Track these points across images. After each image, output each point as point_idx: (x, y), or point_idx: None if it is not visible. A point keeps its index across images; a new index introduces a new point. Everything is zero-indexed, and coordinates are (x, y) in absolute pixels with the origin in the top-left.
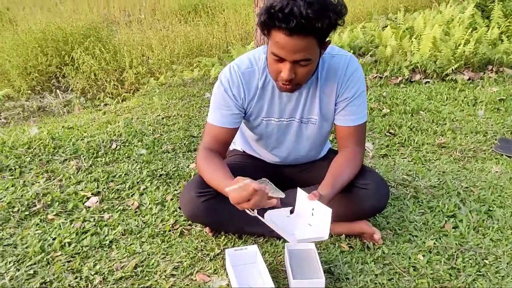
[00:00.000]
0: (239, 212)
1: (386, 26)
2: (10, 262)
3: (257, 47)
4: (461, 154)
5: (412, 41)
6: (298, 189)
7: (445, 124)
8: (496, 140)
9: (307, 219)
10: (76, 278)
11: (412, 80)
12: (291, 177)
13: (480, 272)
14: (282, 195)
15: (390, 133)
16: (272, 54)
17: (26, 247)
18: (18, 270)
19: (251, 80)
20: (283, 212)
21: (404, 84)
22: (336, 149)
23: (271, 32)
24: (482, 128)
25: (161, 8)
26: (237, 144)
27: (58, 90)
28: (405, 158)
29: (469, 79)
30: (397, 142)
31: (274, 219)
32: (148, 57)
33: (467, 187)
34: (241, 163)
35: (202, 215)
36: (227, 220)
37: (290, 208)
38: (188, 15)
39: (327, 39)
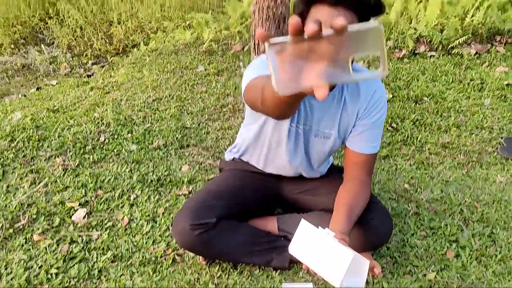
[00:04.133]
0: (236, 244)
1: None
2: None
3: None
4: (465, 157)
5: (418, 2)
6: (321, 229)
7: (450, 116)
8: (502, 138)
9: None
10: None
11: (416, 52)
12: (291, 197)
13: None
14: None
15: (392, 127)
16: None
17: (11, 279)
18: None
19: None
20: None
21: (408, 59)
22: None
23: (310, 9)
24: (488, 122)
25: None
26: (237, 148)
27: (42, 44)
28: (407, 160)
29: (476, 53)
30: (399, 140)
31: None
32: (138, 10)
33: (470, 202)
34: (239, 184)
35: (198, 247)
36: (223, 252)
37: (332, 234)
38: None
39: None
